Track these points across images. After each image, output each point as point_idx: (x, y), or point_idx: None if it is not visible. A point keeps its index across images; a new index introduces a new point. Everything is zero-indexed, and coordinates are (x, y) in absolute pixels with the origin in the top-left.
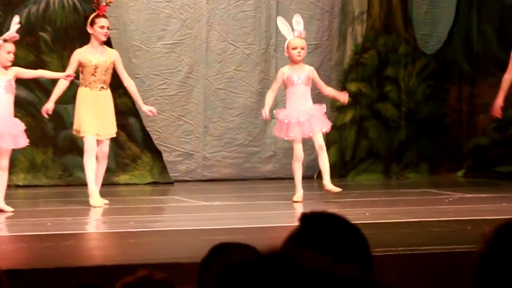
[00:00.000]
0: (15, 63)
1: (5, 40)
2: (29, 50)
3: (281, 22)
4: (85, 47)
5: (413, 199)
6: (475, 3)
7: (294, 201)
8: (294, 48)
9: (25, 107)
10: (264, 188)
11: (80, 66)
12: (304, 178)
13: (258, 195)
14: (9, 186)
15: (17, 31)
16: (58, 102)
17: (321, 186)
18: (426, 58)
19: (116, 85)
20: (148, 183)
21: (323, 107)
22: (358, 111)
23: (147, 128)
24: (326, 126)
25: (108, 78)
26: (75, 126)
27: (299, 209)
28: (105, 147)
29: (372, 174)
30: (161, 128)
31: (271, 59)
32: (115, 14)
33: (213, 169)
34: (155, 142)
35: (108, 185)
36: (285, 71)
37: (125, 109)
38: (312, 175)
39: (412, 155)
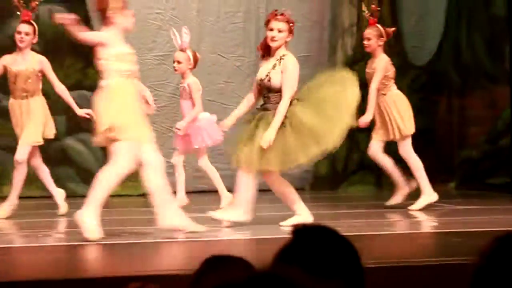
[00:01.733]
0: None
1: None
2: None
3: (173, 36)
4: (14, 53)
5: (405, 211)
6: (464, 14)
7: None
8: (173, 62)
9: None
10: (258, 200)
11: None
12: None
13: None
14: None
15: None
16: None
17: (314, 198)
18: (416, 70)
19: None
20: (141, 195)
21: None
22: None
23: None
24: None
25: (31, 86)
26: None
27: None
28: (35, 155)
29: (364, 186)
30: None
31: None
32: None
33: (205, 180)
34: None
35: None
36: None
37: None
38: (303, 187)
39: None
